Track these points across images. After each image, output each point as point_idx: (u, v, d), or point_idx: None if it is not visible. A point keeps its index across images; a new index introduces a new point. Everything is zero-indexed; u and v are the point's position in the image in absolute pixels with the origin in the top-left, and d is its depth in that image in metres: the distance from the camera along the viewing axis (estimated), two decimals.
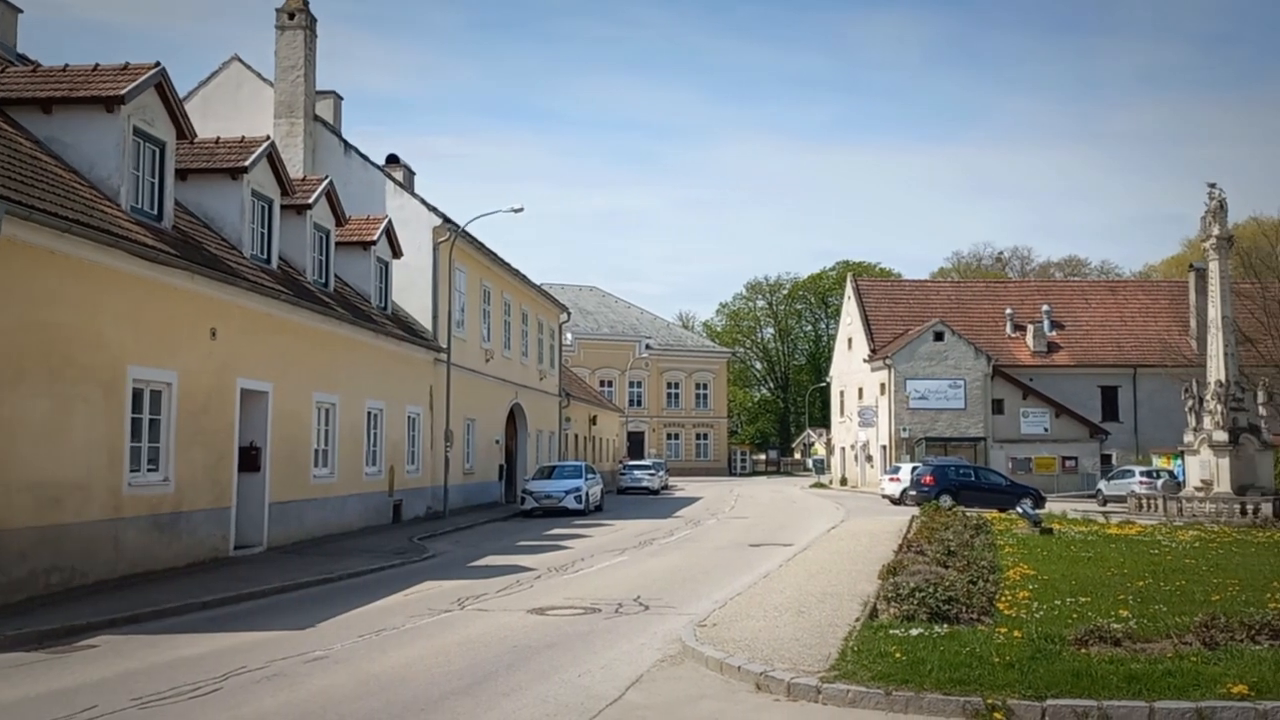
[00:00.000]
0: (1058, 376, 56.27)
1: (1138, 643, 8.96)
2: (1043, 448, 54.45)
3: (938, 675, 7.93)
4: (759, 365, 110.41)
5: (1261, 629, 9.07)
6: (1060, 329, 58.64)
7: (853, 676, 8.14)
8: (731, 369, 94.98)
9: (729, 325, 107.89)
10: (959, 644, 8.80)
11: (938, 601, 10.07)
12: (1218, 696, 7.39)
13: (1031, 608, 10.88)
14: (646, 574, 16.19)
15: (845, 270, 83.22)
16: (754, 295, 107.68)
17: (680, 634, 10.39)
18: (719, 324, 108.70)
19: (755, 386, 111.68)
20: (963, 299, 61.68)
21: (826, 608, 11.62)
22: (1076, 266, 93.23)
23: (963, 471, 37.01)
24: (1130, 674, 7.85)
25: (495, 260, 34.78)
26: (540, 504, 30.42)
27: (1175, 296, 60.28)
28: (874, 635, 9.41)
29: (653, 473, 49.89)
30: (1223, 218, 33.38)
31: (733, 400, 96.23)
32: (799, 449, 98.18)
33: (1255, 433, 32.27)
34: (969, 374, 54.05)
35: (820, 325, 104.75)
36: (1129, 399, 56.56)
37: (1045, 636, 9.09)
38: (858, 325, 59.96)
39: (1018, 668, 8.04)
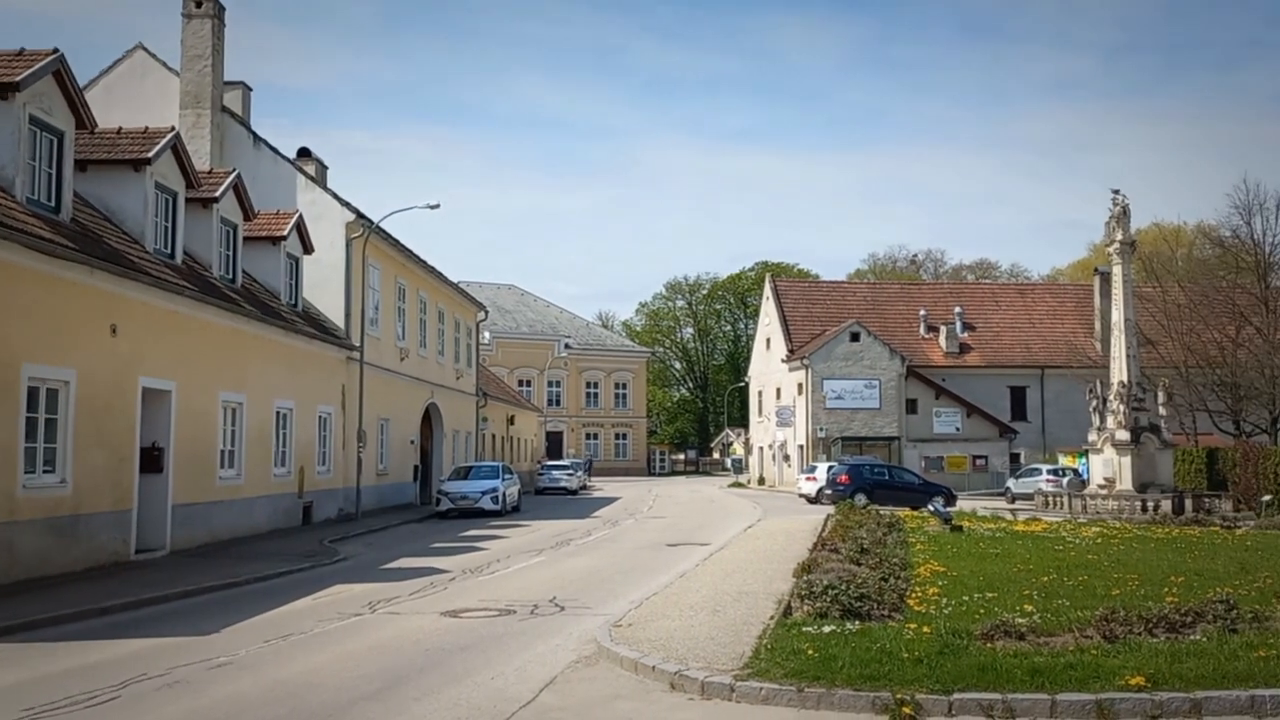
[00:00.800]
0: (969, 377, 57.70)
1: (1041, 637, 9.22)
2: (955, 447, 55.81)
3: (849, 671, 8.07)
4: (678, 365, 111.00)
5: (1158, 622, 9.41)
6: (972, 330, 60.14)
7: (766, 674, 8.24)
8: (651, 369, 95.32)
9: (649, 325, 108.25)
10: (870, 640, 8.97)
11: (850, 599, 10.24)
12: (1116, 688, 7.65)
13: (941, 604, 11.14)
14: (563, 575, 16.17)
15: (764, 271, 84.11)
16: (674, 295, 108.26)
17: (596, 635, 10.40)
18: (639, 324, 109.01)
19: (674, 386, 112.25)
20: (878, 300, 62.86)
21: (742, 606, 11.74)
22: (987, 269, 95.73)
23: (877, 470, 37.71)
24: (1034, 667, 8.09)
25: (411, 257, 34.36)
26: (456, 505, 30.14)
27: (1081, 299, 62.28)
28: (787, 633, 9.53)
29: (571, 473, 49.83)
30: (1126, 223, 34.59)
31: (652, 400, 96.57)
32: (718, 449, 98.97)
33: (1156, 432, 33.50)
34: (884, 374, 55.11)
35: (739, 325, 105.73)
36: (1037, 399, 58.28)
37: (953, 632, 9.31)
38: (776, 326, 60.70)
39: (926, 663, 8.23)
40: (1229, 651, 8.49)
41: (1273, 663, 8.12)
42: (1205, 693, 7.54)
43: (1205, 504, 30.62)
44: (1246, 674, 7.88)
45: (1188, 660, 8.24)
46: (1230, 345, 40.51)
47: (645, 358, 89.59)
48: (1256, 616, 9.79)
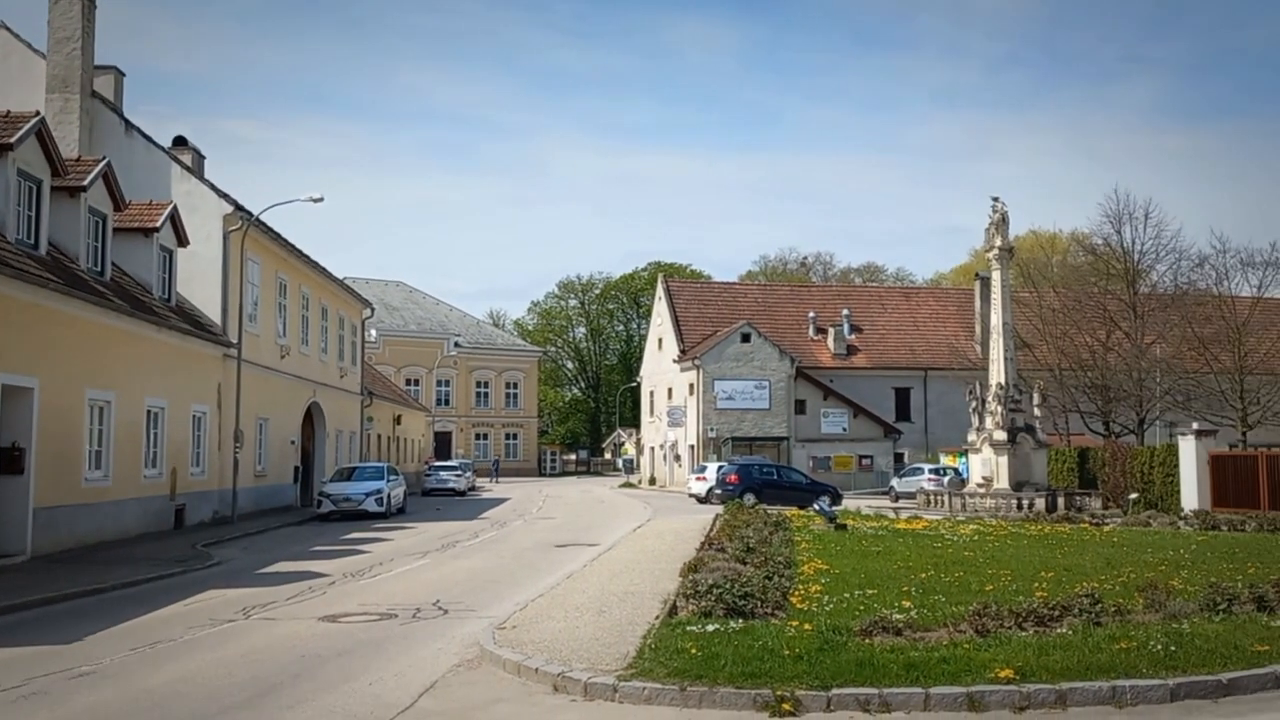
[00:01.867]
0: (856, 378, 59.11)
1: (917, 632, 9.50)
2: (841, 447, 57.09)
3: (731, 669, 8.18)
4: (570, 365, 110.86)
5: (1028, 616, 9.79)
6: (859, 332, 61.65)
7: (649, 674, 8.29)
8: (543, 368, 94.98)
9: (541, 324, 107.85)
10: (752, 638, 9.10)
11: (734, 597, 10.38)
12: (987, 681, 7.93)
13: (822, 601, 11.37)
14: (448, 577, 15.99)
15: (657, 271, 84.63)
16: (566, 294, 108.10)
17: (479, 638, 10.31)
18: (531, 323, 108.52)
19: (566, 386, 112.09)
20: (769, 302, 63.91)
21: (628, 606, 11.79)
22: (875, 273, 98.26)
23: (766, 470, 38.32)
24: (909, 662, 8.33)
25: (293, 251, 33.50)
26: (338, 507, 29.51)
27: (963, 303, 64.42)
28: (672, 632, 9.60)
29: (459, 473, 49.30)
30: (1004, 230, 35.90)
31: (544, 400, 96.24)
32: (609, 449, 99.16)
33: (1031, 432, 34.86)
34: (774, 375, 56.04)
35: (632, 325, 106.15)
36: (920, 400, 60.06)
37: (833, 628, 9.52)
38: (668, 326, 61.17)
39: (806, 659, 8.39)
40: (1093, 644, 8.88)
41: (1133, 654, 8.52)
42: (1070, 684, 7.87)
43: (1076, 502, 32.03)
44: (1108, 665, 8.25)
45: (1054, 653, 8.59)
46: (1101, 349, 42.44)
47: (537, 357, 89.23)
48: (1119, 610, 10.25)
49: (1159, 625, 9.62)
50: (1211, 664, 8.31)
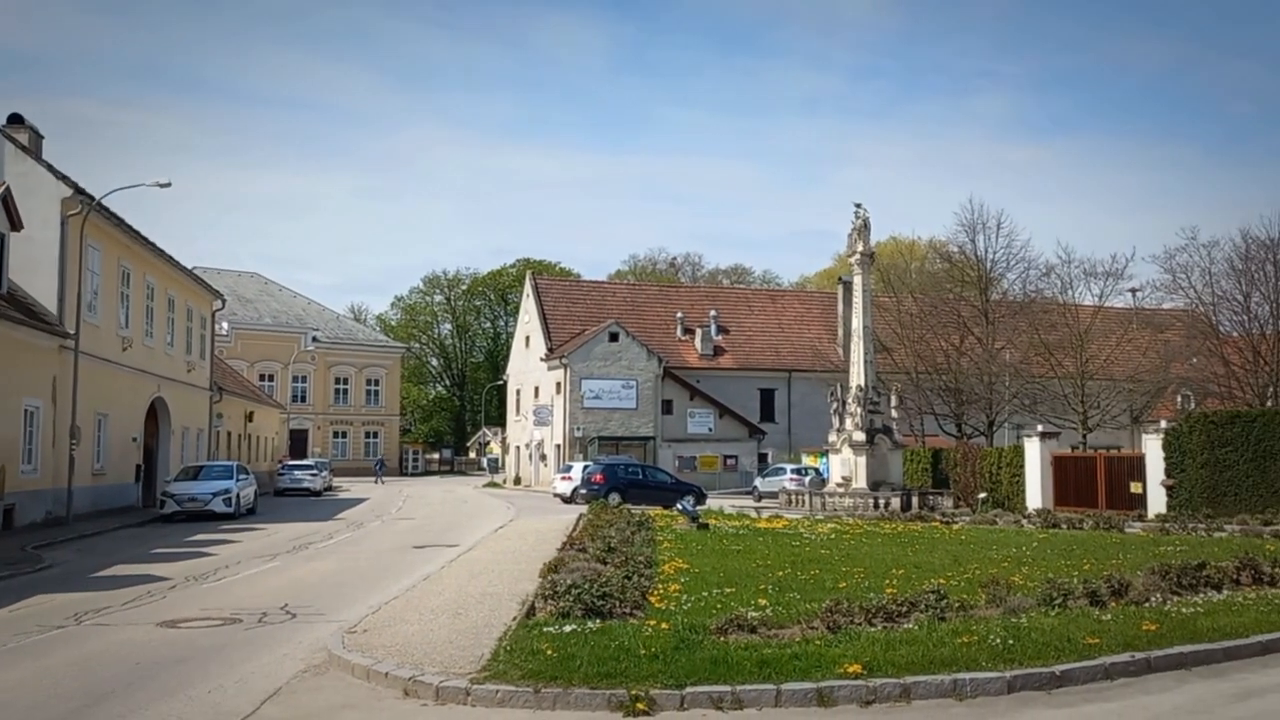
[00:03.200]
0: (722, 379, 60.06)
1: (772, 629, 9.71)
2: (707, 446, 57.92)
3: (586, 670, 8.20)
4: (435, 362, 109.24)
5: (877, 612, 10.12)
6: (726, 333, 62.66)
7: (503, 676, 8.24)
8: (406, 365, 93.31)
9: (404, 320, 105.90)
10: (609, 638, 9.14)
11: (593, 598, 10.40)
12: (836, 676, 8.16)
13: (681, 600, 11.51)
14: (298, 580, 15.55)
15: (525, 268, 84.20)
16: (432, 290, 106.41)
17: (328, 642, 10.06)
18: (394, 318, 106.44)
19: (431, 384, 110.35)
20: (637, 302, 64.35)
21: (485, 608, 11.68)
22: (742, 275, 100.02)
23: (631, 470, 38.56)
24: (762, 659, 8.50)
25: (137, 239, 32.01)
26: (183, 507, 28.37)
27: (826, 306, 66.20)
28: (528, 634, 9.57)
29: (315, 473, 48.00)
30: (866, 236, 37.03)
31: (406, 398, 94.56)
32: (474, 448, 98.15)
33: (888, 433, 36.07)
34: (641, 375, 56.43)
35: (499, 323, 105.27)
36: (784, 401, 61.44)
37: (690, 627, 9.65)
38: (536, 324, 60.94)
39: (662, 658, 8.48)
40: (937, 639, 9.23)
41: (974, 648, 8.90)
42: (914, 678, 8.17)
43: (929, 501, 33.30)
44: (951, 659, 8.59)
45: (901, 648, 8.90)
46: (955, 353, 44.27)
47: (400, 353, 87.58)
48: (963, 605, 10.70)
49: (999, 620, 10.07)
50: (1046, 656, 8.74)
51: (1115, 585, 11.40)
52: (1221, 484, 27.20)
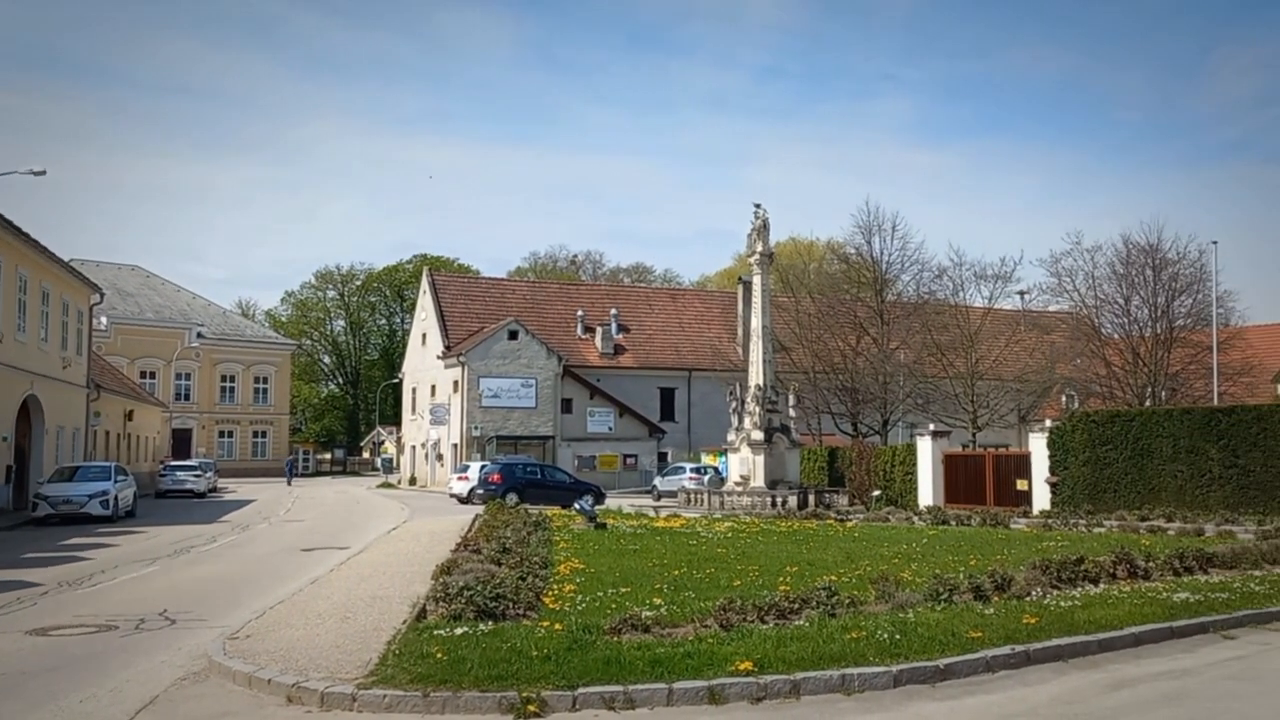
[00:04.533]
0: (623, 377, 60.23)
1: (665, 628, 9.80)
2: (607, 446, 58.03)
3: (477, 673, 8.15)
4: (328, 359, 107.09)
5: (769, 610, 10.29)
6: (626, 332, 62.85)
7: (391, 681, 8.13)
8: (297, 362, 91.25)
9: (296, 316, 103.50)
10: (501, 640, 9.11)
11: (485, 599, 10.34)
12: (727, 674, 8.28)
13: (575, 601, 11.52)
14: (179, 585, 15.11)
15: (423, 264, 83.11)
16: (324, 285, 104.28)
17: (208, 649, 9.79)
18: (284, 314, 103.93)
19: (323, 382, 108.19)
20: (538, 299, 64.12)
21: (374, 612, 11.52)
22: (643, 273, 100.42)
23: (529, 470, 38.44)
24: (655, 658, 8.57)
25: (8, 228, 30.59)
26: (57, 510, 27.28)
27: (726, 306, 66.92)
28: (418, 637, 9.46)
29: (199, 474, 46.61)
30: (766, 236, 37.57)
31: (297, 396, 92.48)
32: (368, 448, 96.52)
33: (786, 432, 36.68)
34: (541, 373, 56.24)
35: (395, 319, 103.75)
36: (684, 400, 61.91)
37: (584, 628, 9.67)
38: (433, 321, 60.24)
39: (554, 659, 8.48)
40: (827, 635, 9.44)
41: (863, 643, 9.13)
42: (804, 674, 8.34)
43: (825, 499, 33.99)
44: (840, 654, 8.79)
45: (791, 644, 9.07)
46: (851, 353, 45.24)
47: (291, 350, 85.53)
48: (854, 602, 10.95)
49: (887, 615, 10.34)
50: (931, 650, 9.01)
51: (998, 580, 11.80)
52: (1102, 481, 28.38)
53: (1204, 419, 27.29)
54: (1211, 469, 26.43)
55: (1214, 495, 26.12)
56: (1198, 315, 41.20)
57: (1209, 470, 26.48)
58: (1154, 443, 27.61)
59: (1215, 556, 14.51)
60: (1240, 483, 25.94)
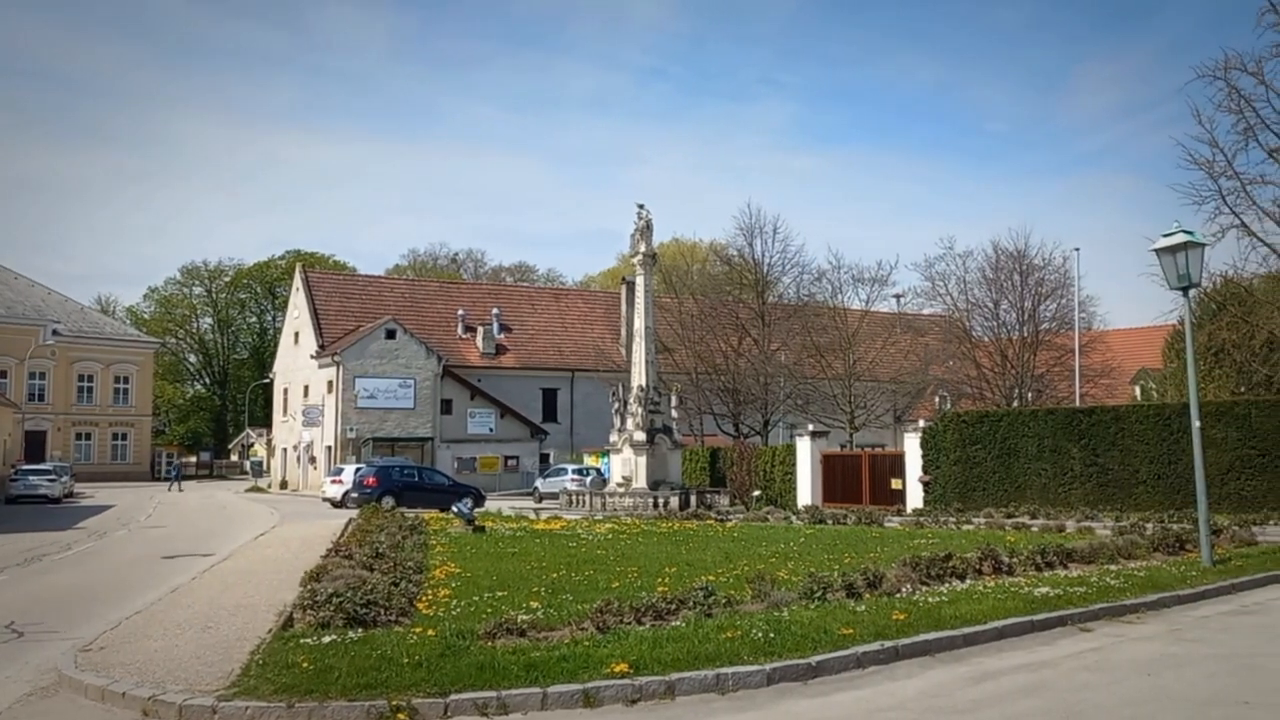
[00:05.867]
0: (504, 378, 59.86)
1: (541, 632, 9.76)
2: (488, 447, 57.58)
3: (345, 681, 7.98)
4: (194, 359, 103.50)
5: (647, 611, 10.35)
6: (508, 332, 62.47)
7: (254, 692, 7.90)
8: (161, 362, 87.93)
9: (160, 313, 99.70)
10: (371, 648, 8.95)
11: (355, 606, 10.15)
12: (602, 676, 8.28)
13: (450, 605, 11.39)
14: (28, 596, 14.39)
15: (296, 260, 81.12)
16: (191, 281, 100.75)
17: (59, 662, 9.35)
18: (148, 311, 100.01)
19: (189, 382, 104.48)
20: (417, 298, 63.23)
21: (238, 620, 11.18)
22: (526, 273, 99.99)
23: (407, 472, 37.85)
24: (530, 662, 8.53)
25: None
26: None
27: (610, 306, 67.13)
28: (284, 646, 9.22)
29: (53, 478, 44.49)
30: (649, 237, 37.80)
31: (161, 396, 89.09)
32: (237, 450, 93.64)
33: (668, 433, 36.97)
34: (420, 373, 55.47)
35: (266, 317, 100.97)
36: (567, 400, 61.86)
37: (457, 633, 9.56)
38: (306, 319, 58.85)
39: (426, 666, 8.37)
40: (702, 635, 9.54)
41: (738, 643, 9.25)
42: (679, 674, 8.40)
43: (707, 499, 34.37)
44: (715, 654, 8.89)
45: (667, 645, 9.13)
46: (733, 354, 45.91)
47: (154, 349, 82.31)
48: (730, 601, 11.09)
49: (763, 614, 10.51)
50: (804, 648, 9.19)
51: (870, 578, 12.12)
52: (971, 479, 29.44)
53: (1066, 419, 28.57)
54: (1073, 467, 27.68)
55: (1075, 493, 27.35)
56: (1062, 319, 43.10)
57: (1071, 469, 27.72)
58: (1020, 442, 28.76)
59: (1075, 552, 15.20)
60: (1099, 480, 27.24)
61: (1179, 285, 15.20)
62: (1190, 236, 15.08)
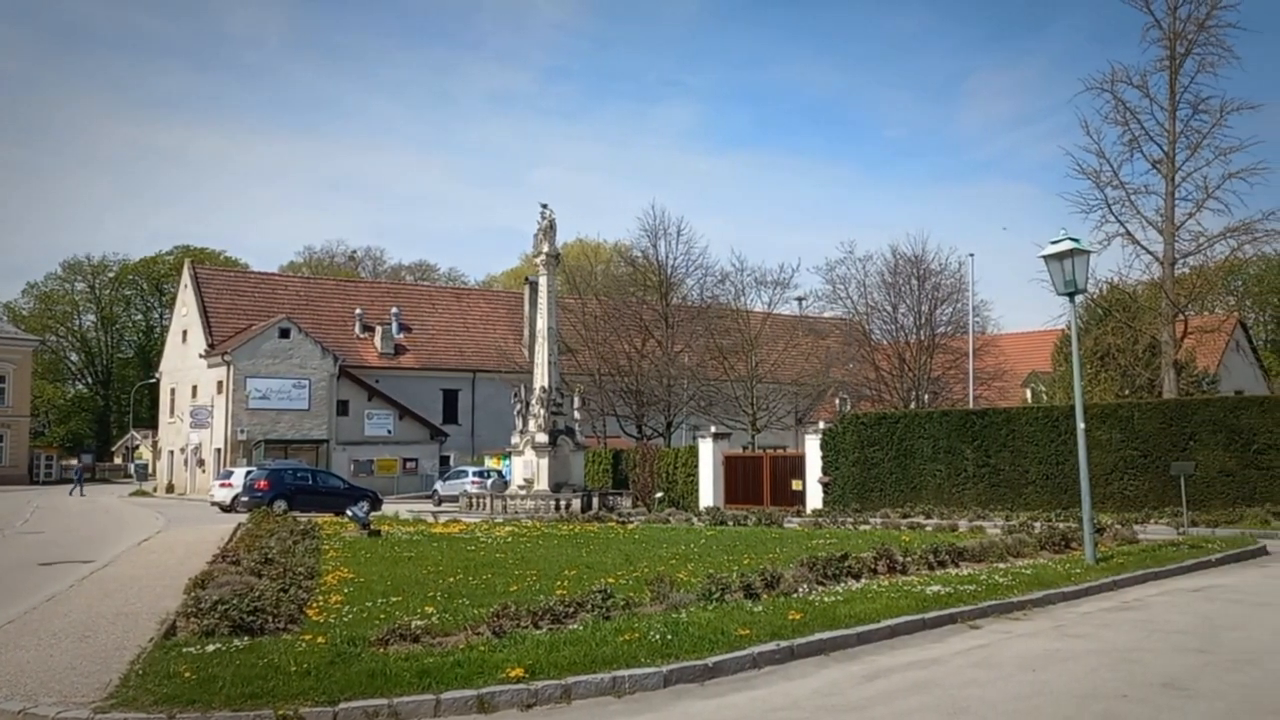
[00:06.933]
0: (403, 378, 59.07)
1: (436, 637, 9.65)
2: (386, 449, 56.74)
3: (229, 691, 7.79)
4: (76, 357, 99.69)
5: (544, 614, 10.32)
6: (408, 332, 61.65)
7: (133, 703, 7.65)
8: (40, 360, 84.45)
9: (39, 309, 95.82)
10: (257, 656, 8.75)
11: (241, 613, 9.90)
12: (498, 681, 8.23)
13: (342, 612, 11.19)
14: None
15: (185, 256, 78.80)
16: (73, 277, 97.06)
17: None
18: (26, 307, 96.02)
19: (70, 382, 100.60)
20: (312, 296, 61.99)
21: (118, 629, 10.80)
22: (426, 271, 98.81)
23: (300, 475, 37.07)
24: (423, 668, 8.43)
25: None
26: None
27: (513, 307, 66.77)
28: (165, 655, 8.95)
29: None
30: (552, 237, 37.72)
31: (40, 397, 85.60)
32: (121, 453, 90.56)
33: (571, 435, 36.93)
34: (315, 374, 54.40)
35: (153, 315, 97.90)
36: (468, 402, 61.35)
37: (348, 640, 9.40)
38: (195, 317, 57.26)
39: (314, 674, 8.20)
40: (600, 638, 9.56)
41: (634, 645, 9.29)
42: (575, 677, 8.41)
43: (609, 501, 34.47)
44: (613, 657, 8.92)
45: (564, 649, 9.13)
46: (637, 356, 46.06)
47: (33, 347, 79.03)
48: (629, 603, 11.14)
49: (661, 616, 10.57)
50: (701, 649, 9.28)
51: (768, 578, 12.29)
52: (869, 480, 30.07)
53: (961, 421, 29.39)
54: (966, 468, 28.49)
55: (969, 492, 28.15)
56: (957, 323, 44.37)
57: (964, 469, 28.52)
58: (916, 443, 29.48)
59: (966, 551, 15.65)
60: (991, 480, 28.08)
61: (1066, 291, 15.77)
62: (1077, 244, 15.66)
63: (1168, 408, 27.12)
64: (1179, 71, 32.06)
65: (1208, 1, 31.71)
